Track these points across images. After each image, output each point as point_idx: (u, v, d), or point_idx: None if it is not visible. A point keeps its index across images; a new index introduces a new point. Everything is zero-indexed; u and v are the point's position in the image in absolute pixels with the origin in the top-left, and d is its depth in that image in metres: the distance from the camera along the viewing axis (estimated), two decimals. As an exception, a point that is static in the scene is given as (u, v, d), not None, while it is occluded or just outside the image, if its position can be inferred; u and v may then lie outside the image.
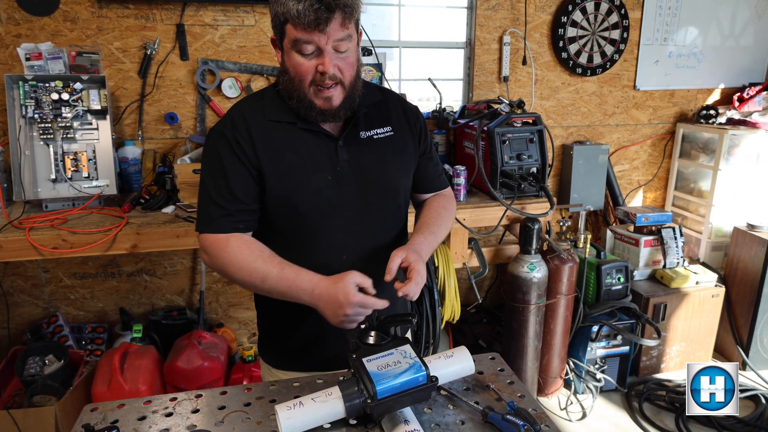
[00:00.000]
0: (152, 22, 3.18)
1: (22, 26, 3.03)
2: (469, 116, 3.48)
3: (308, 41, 1.41)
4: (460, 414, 1.34)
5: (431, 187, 1.88)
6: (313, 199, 1.57)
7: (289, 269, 1.49)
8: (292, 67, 1.48)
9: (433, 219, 1.75)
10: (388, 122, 1.69)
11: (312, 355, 1.75)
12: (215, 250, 1.54)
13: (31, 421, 2.68)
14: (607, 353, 3.54)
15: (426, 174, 1.84)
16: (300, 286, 1.46)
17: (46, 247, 2.54)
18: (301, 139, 1.57)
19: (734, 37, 4.24)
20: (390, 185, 1.68)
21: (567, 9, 3.78)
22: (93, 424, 1.28)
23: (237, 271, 1.52)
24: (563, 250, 3.31)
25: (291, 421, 1.21)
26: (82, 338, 3.41)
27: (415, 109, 1.81)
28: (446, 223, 1.78)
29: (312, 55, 1.44)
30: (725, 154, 3.93)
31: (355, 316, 1.41)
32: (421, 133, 1.78)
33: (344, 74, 1.48)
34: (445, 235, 1.76)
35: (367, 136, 1.64)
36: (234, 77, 3.33)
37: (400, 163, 1.70)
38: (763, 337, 3.74)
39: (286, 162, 1.55)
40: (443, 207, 1.82)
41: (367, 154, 1.63)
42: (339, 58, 1.46)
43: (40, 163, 2.82)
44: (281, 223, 1.61)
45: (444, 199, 1.87)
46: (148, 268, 3.54)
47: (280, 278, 1.48)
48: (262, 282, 1.49)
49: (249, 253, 1.52)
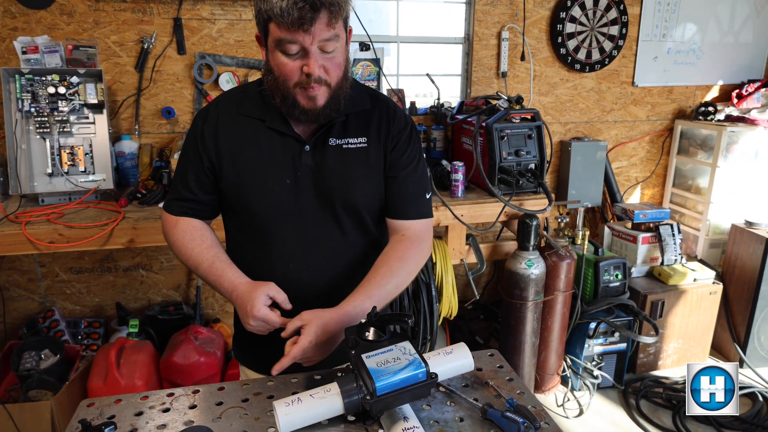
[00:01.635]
0: (149, 16, 3.16)
1: (19, 19, 3.01)
2: (467, 112, 3.48)
3: (292, 41, 1.33)
4: (459, 411, 1.33)
5: (399, 213, 1.63)
6: (266, 200, 1.53)
7: (219, 264, 1.51)
8: (276, 66, 1.41)
9: (379, 278, 1.51)
10: (366, 133, 1.56)
11: None
12: (166, 227, 1.63)
13: (26, 416, 2.67)
14: (604, 350, 3.54)
15: (397, 196, 1.62)
16: (222, 285, 1.49)
17: (42, 242, 2.52)
18: (266, 138, 1.52)
19: (733, 33, 4.24)
20: (349, 200, 1.55)
21: (566, 4, 3.77)
22: (90, 419, 1.27)
23: (179, 253, 1.58)
24: (561, 246, 3.31)
25: (289, 417, 1.20)
26: (78, 333, 3.40)
27: (402, 122, 1.63)
28: (397, 280, 1.53)
29: (296, 56, 1.37)
30: (723, 151, 3.93)
31: (260, 328, 1.42)
32: (396, 146, 1.60)
33: (330, 75, 1.41)
34: (396, 292, 1.54)
35: (336, 143, 1.54)
36: (231, 71, 3.31)
37: (364, 177, 1.56)
38: (761, 335, 3.75)
39: (244, 158, 1.52)
40: (399, 258, 1.56)
41: (330, 164, 1.53)
42: (325, 58, 1.38)
43: (37, 157, 2.81)
44: (237, 219, 1.62)
45: (404, 247, 1.58)
46: (144, 263, 3.52)
47: (209, 271, 1.51)
48: (196, 269, 1.55)
49: (190, 239, 1.56)
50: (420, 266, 1.62)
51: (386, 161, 1.60)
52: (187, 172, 1.57)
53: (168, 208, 1.63)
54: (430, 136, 3.64)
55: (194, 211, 1.60)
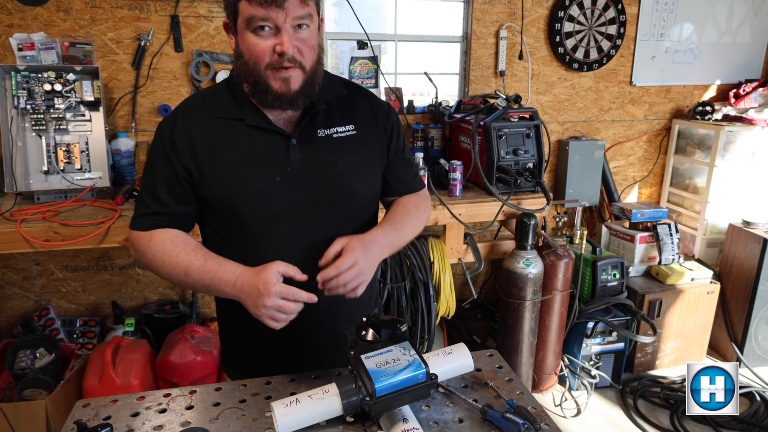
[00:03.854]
0: (146, 13, 3.15)
1: (15, 16, 2.99)
2: (465, 111, 3.47)
3: (264, 17, 1.30)
4: (459, 412, 1.32)
5: (404, 189, 1.70)
6: (254, 201, 1.45)
7: (213, 261, 1.41)
8: (246, 49, 1.36)
9: (399, 215, 1.60)
10: (351, 120, 1.55)
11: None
12: (139, 245, 1.49)
13: (21, 415, 2.65)
14: (602, 350, 3.54)
15: (398, 175, 1.68)
16: (222, 278, 1.38)
17: (37, 240, 2.51)
18: (247, 137, 1.46)
19: (731, 33, 4.24)
20: (347, 189, 1.52)
21: (564, 4, 3.77)
22: (85, 420, 1.26)
23: (161, 266, 1.46)
24: (559, 246, 3.30)
25: (287, 418, 1.20)
26: (74, 332, 3.38)
27: (385, 107, 1.65)
28: (415, 222, 1.63)
29: (268, 35, 1.33)
30: (721, 151, 3.93)
31: (276, 310, 1.31)
32: (393, 133, 1.64)
33: (304, 56, 1.37)
34: (411, 234, 1.63)
35: (325, 134, 1.51)
36: (229, 69, 3.30)
37: (361, 165, 1.56)
38: (758, 334, 3.75)
39: (226, 161, 1.44)
40: (414, 205, 1.66)
41: (323, 155, 1.49)
42: (298, 39, 1.34)
43: (32, 155, 2.79)
44: (222, 228, 1.52)
45: (417, 198, 1.71)
46: (140, 262, 3.51)
47: (203, 271, 1.40)
48: (186, 276, 1.42)
49: (172, 247, 1.45)
50: (426, 222, 1.72)
51: (391, 145, 1.64)
52: (156, 185, 1.47)
53: (136, 225, 1.51)
54: (427, 134, 3.63)
55: (168, 223, 1.50)
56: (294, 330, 1.43)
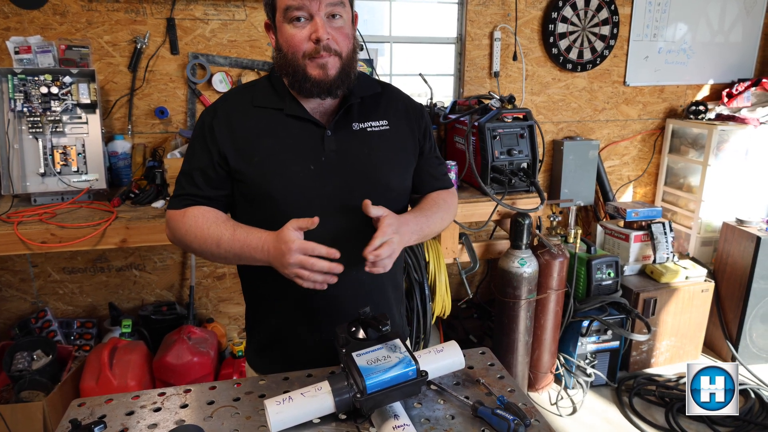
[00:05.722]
0: (142, 16, 3.16)
1: (11, 19, 3.00)
2: (459, 111, 3.48)
3: (299, 7, 1.39)
4: (450, 408, 1.33)
5: (435, 186, 1.76)
6: (289, 187, 1.49)
7: (241, 230, 1.46)
8: (285, 42, 1.45)
9: (429, 206, 1.66)
10: (385, 116, 1.62)
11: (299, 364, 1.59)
12: (173, 222, 1.56)
13: (18, 417, 2.66)
14: (597, 348, 3.56)
15: (429, 173, 1.74)
16: (251, 245, 1.43)
17: (34, 242, 2.52)
18: (285, 126, 1.52)
19: (723, 33, 4.26)
20: (380, 181, 1.57)
21: (557, 5, 3.79)
22: (80, 419, 1.27)
23: (194, 240, 1.51)
24: (554, 245, 3.32)
25: (280, 416, 1.21)
26: (71, 333, 3.39)
27: (419, 107, 1.73)
28: (443, 215, 1.68)
29: (304, 25, 1.41)
30: (714, 150, 3.95)
31: (301, 265, 1.33)
32: (425, 133, 1.71)
33: (340, 45, 1.44)
34: (439, 225, 1.67)
35: (359, 127, 1.57)
36: (224, 71, 3.31)
37: (394, 159, 1.61)
38: (752, 332, 3.77)
39: (264, 148, 1.50)
40: (443, 199, 1.72)
41: (357, 147, 1.55)
42: (333, 28, 1.42)
43: (29, 157, 2.80)
44: (257, 212, 1.55)
45: (446, 194, 1.77)
46: (137, 263, 3.52)
47: (233, 240, 1.45)
48: (218, 247, 1.47)
49: (204, 220, 1.50)
50: (453, 217, 1.79)
51: (425, 144, 1.71)
52: (193, 170, 1.54)
53: (171, 205, 1.58)
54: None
55: (201, 204, 1.56)
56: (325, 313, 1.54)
